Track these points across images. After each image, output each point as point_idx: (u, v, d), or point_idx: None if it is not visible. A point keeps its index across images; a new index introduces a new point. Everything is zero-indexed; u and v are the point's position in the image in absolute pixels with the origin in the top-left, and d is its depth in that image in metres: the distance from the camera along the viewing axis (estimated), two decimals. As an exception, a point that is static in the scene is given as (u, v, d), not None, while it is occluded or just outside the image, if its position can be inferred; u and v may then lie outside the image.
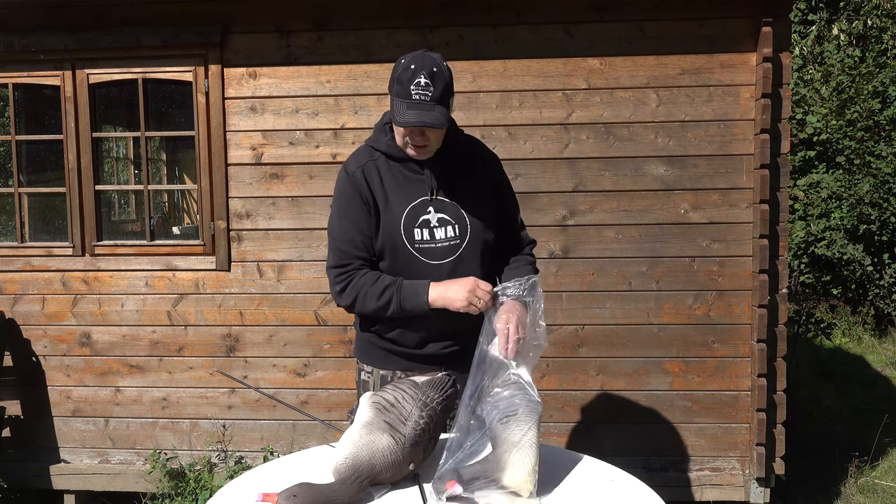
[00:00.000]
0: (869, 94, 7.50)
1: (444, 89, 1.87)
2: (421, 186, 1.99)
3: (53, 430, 3.84)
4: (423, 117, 1.83)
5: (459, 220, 2.00)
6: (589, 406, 3.63)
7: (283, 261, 3.68)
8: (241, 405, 3.75)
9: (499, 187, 2.12)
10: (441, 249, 1.99)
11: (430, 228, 1.99)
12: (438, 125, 1.85)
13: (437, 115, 1.85)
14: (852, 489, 3.91)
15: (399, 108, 1.86)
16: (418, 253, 1.98)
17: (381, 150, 2.01)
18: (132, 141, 5.09)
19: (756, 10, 3.41)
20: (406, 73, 1.85)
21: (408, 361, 2.05)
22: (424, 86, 1.84)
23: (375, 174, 2.00)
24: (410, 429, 1.56)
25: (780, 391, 3.51)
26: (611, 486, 1.62)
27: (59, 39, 3.66)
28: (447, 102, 1.89)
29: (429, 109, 1.84)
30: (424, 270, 1.98)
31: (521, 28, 3.53)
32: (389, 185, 1.99)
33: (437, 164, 2.00)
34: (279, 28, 3.60)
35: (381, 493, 1.54)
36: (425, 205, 1.99)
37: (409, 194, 1.99)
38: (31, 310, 3.81)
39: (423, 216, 1.98)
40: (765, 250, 3.42)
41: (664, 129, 3.52)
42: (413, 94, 1.83)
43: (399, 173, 2.00)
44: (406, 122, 1.84)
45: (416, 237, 1.98)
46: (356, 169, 2.00)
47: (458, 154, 2.04)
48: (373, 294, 1.94)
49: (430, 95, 1.84)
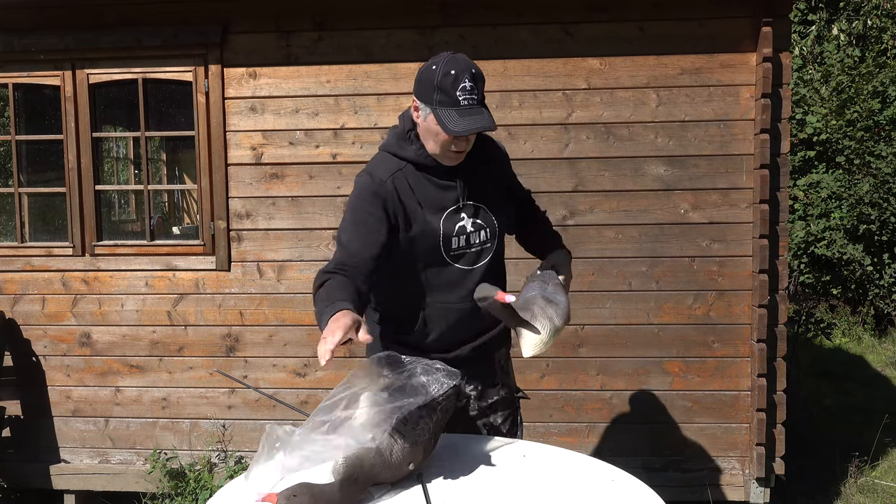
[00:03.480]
0: (869, 94, 7.49)
1: (483, 89, 1.84)
2: (451, 193, 1.95)
3: (53, 430, 3.84)
4: (480, 122, 1.79)
5: (489, 224, 2.00)
6: (589, 406, 3.63)
7: (284, 261, 3.68)
8: (241, 405, 3.75)
9: (509, 175, 2.13)
10: (475, 254, 1.98)
11: (466, 235, 1.96)
12: (493, 128, 1.81)
13: (488, 117, 1.81)
14: (852, 489, 3.91)
15: (448, 117, 1.79)
16: (453, 261, 1.96)
17: (408, 158, 1.93)
18: (132, 141, 5.10)
19: (756, 10, 3.41)
20: (448, 80, 1.79)
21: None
22: (470, 89, 1.79)
23: (405, 184, 1.92)
24: (410, 429, 1.56)
25: (780, 391, 3.51)
26: (611, 486, 1.62)
27: (59, 39, 3.66)
28: (485, 102, 1.87)
29: (479, 113, 1.80)
30: (458, 276, 1.97)
31: (521, 28, 3.53)
32: (421, 195, 1.92)
33: (462, 169, 1.96)
34: (279, 28, 3.60)
35: (381, 493, 1.54)
36: (458, 211, 1.96)
37: (441, 202, 1.94)
38: (31, 310, 3.81)
39: (458, 223, 1.95)
40: (765, 250, 3.42)
41: (664, 129, 3.52)
42: (461, 101, 1.78)
43: (428, 182, 1.94)
44: (464, 129, 1.78)
45: (454, 245, 1.96)
46: (388, 178, 1.91)
47: (476, 155, 2.00)
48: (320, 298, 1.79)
49: (477, 98, 1.81)
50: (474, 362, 2.05)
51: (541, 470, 1.69)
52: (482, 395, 2.11)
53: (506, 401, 2.15)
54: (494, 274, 2.04)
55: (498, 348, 2.14)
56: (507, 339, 2.15)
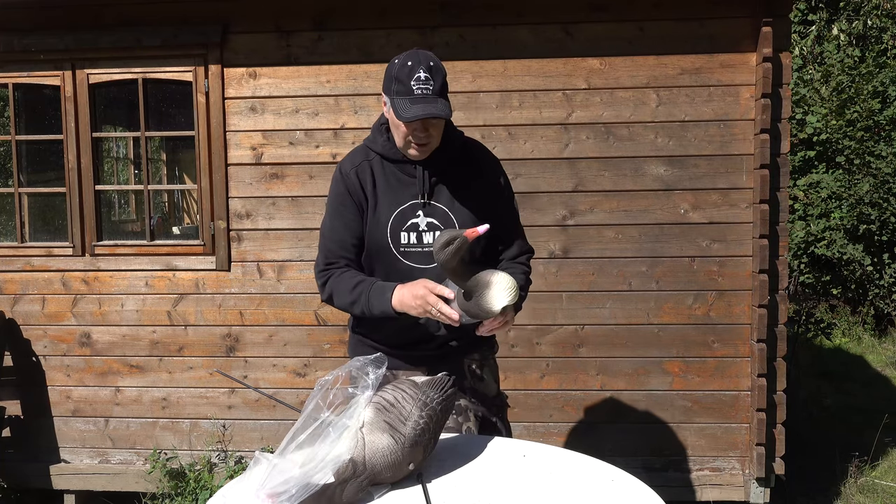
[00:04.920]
0: (869, 94, 7.50)
1: (442, 82, 1.87)
2: (413, 189, 1.98)
3: (53, 430, 3.84)
4: (429, 109, 1.82)
5: (448, 225, 1.98)
6: (589, 406, 3.63)
7: (283, 261, 3.68)
8: (241, 405, 3.75)
9: (496, 193, 2.07)
10: (429, 254, 1.97)
11: (418, 232, 1.98)
12: (445, 115, 1.84)
13: (442, 106, 1.84)
14: (852, 489, 3.91)
15: (402, 105, 1.84)
16: (403, 257, 1.98)
17: (376, 150, 2.01)
18: (132, 141, 5.10)
19: (756, 10, 3.41)
20: (404, 70, 1.84)
21: (396, 360, 2.04)
22: (425, 80, 1.83)
23: (369, 174, 1.99)
24: (410, 429, 1.56)
25: (780, 391, 3.51)
26: (611, 486, 1.62)
27: (59, 39, 3.66)
28: (447, 95, 1.89)
29: (432, 102, 1.83)
30: (409, 274, 1.97)
31: (521, 28, 3.53)
32: (381, 186, 1.99)
33: (432, 168, 1.98)
34: (279, 28, 3.60)
35: (381, 493, 1.54)
36: (415, 208, 1.98)
37: (400, 196, 1.98)
38: (31, 310, 3.81)
39: (411, 220, 1.98)
40: (765, 250, 3.42)
41: (664, 129, 3.52)
42: (415, 89, 1.83)
43: (392, 175, 1.99)
44: (413, 115, 1.82)
45: (403, 240, 1.98)
46: (350, 169, 2.00)
47: (455, 158, 2.02)
48: (345, 289, 1.96)
49: (432, 89, 1.84)
50: (439, 361, 2.04)
51: (541, 470, 1.69)
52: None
53: (475, 405, 2.10)
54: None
55: (467, 353, 2.10)
56: (479, 343, 2.07)
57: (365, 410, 1.59)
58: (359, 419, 1.53)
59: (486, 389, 2.15)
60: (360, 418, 1.53)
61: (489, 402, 2.14)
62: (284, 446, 1.46)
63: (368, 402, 1.56)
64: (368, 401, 1.56)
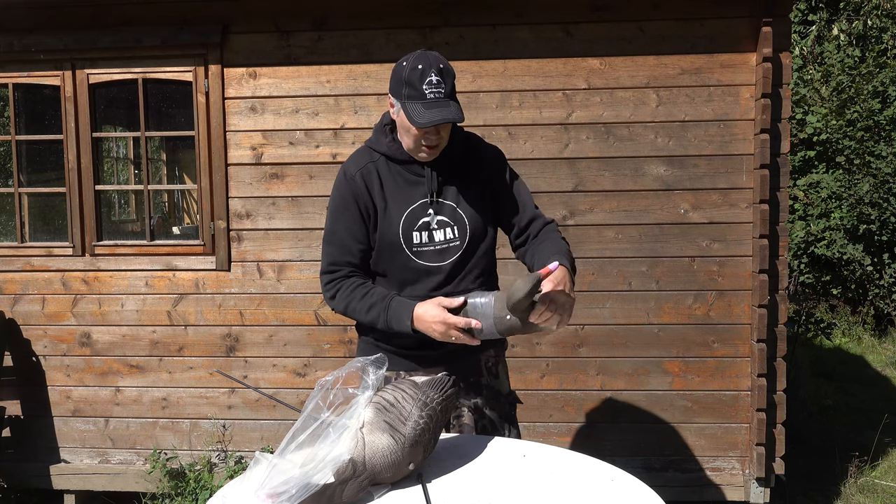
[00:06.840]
0: (869, 94, 7.50)
1: (453, 84, 1.87)
2: (421, 189, 1.98)
3: (53, 430, 3.84)
4: (444, 114, 1.82)
5: (458, 222, 1.99)
6: (589, 406, 3.63)
7: (283, 261, 3.68)
8: (241, 405, 3.75)
9: (502, 180, 2.08)
10: (440, 251, 1.98)
11: (429, 231, 1.98)
12: (459, 119, 1.84)
13: (455, 109, 1.84)
14: (852, 489, 3.91)
15: (415, 110, 1.83)
16: (416, 256, 1.98)
17: (381, 151, 2.00)
18: (132, 141, 5.10)
19: (756, 10, 3.41)
20: (415, 74, 1.83)
21: (409, 362, 2.05)
22: (437, 83, 1.82)
23: (375, 177, 1.98)
24: (410, 429, 1.56)
25: (780, 391, 3.51)
26: (611, 486, 1.62)
27: (59, 39, 3.66)
28: (456, 97, 1.89)
29: (445, 105, 1.83)
30: (423, 272, 1.98)
31: (521, 28, 3.53)
32: (389, 188, 1.98)
33: (438, 166, 1.98)
34: (279, 28, 3.60)
35: (381, 493, 1.54)
36: (425, 207, 1.98)
37: (409, 197, 1.98)
38: (31, 310, 3.81)
39: (422, 219, 1.98)
40: (765, 250, 3.42)
41: (664, 129, 3.52)
42: (427, 94, 1.82)
43: (399, 175, 1.99)
44: (428, 121, 1.81)
45: (415, 240, 1.98)
46: (355, 172, 1.99)
47: (457, 153, 2.03)
48: (361, 309, 1.95)
49: (444, 92, 1.83)
50: (457, 360, 2.04)
51: (541, 470, 1.69)
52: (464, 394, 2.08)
53: (489, 405, 2.11)
54: (468, 273, 2.02)
55: (484, 349, 2.09)
56: (493, 339, 2.05)
57: (365, 410, 1.59)
58: (359, 419, 1.53)
59: (500, 386, 2.17)
60: (360, 418, 1.53)
61: (502, 399, 2.15)
62: (284, 446, 1.46)
63: (368, 402, 1.56)
64: (368, 401, 1.56)
